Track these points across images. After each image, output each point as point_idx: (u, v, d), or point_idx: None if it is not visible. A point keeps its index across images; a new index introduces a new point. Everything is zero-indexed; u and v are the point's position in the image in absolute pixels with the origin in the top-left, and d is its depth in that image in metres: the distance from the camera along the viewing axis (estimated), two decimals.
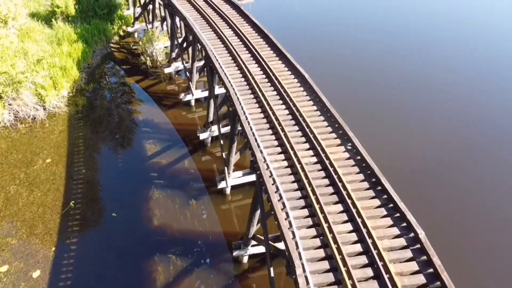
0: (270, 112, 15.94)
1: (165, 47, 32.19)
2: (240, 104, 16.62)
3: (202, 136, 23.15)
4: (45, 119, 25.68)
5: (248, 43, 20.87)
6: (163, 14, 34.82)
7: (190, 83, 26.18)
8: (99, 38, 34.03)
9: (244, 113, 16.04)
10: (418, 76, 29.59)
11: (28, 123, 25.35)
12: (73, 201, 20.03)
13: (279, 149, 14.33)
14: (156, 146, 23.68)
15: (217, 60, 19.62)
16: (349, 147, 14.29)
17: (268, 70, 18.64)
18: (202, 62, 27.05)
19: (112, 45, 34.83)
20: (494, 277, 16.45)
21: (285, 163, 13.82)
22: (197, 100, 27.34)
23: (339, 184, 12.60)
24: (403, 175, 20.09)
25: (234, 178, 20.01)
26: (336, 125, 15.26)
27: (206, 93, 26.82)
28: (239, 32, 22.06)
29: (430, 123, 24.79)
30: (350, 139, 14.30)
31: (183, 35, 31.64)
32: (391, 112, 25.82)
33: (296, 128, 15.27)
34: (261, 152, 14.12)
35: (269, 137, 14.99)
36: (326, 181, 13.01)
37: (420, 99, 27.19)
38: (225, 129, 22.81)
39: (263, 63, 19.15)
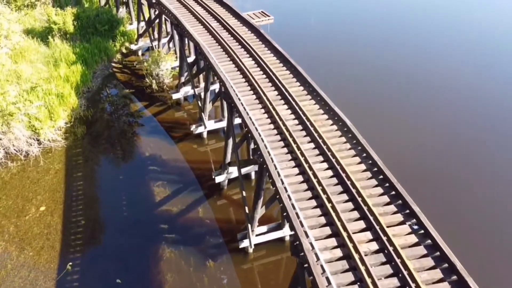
0: (310, 173, 13.05)
1: (172, 68, 29.32)
2: (273, 161, 13.70)
3: (218, 179, 20.29)
4: (39, 155, 22.79)
5: (273, 77, 18.01)
6: (169, 29, 32.16)
7: (202, 114, 23.31)
8: (100, 58, 31.17)
9: (280, 176, 13.10)
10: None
11: (20, 161, 22.48)
12: (70, 263, 17.15)
13: (328, 230, 11.41)
14: (165, 189, 20.79)
15: (239, 100, 16.74)
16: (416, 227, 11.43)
17: (299, 112, 15.77)
18: (215, 86, 24.27)
19: (114, 64, 31.96)
20: None
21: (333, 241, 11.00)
22: (209, 131, 24.48)
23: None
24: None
25: (259, 234, 17.19)
26: (400, 202, 12.35)
27: (220, 125, 24.06)
28: (261, 61, 19.21)
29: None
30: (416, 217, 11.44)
31: (192, 54, 28.92)
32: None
33: (345, 197, 12.37)
34: (307, 235, 11.15)
35: (312, 211, 12.08)
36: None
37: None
38: (246, 170, 20.15)
39: (293, 103, 16.28)
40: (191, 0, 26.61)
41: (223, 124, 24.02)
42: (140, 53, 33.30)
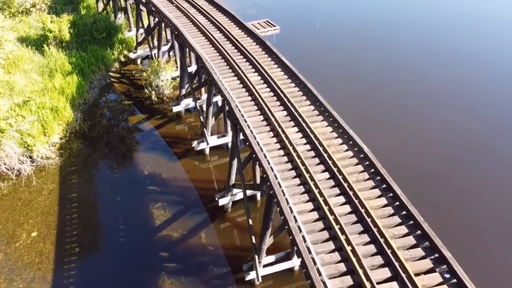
0: (326, 209, 11.77)
1: (172, 79, 28.06)
2: (284, 195, 12.43)
3: (222, 201, 19.03)
4: (32, 174, 21.51)
5: (281, 95, 16.73)
6: (169, 36, 30.91)
7: (204, 129, 22.05)
8: (97, 67, 29.89)
9: (292, 213, 11.83)
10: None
11: (12, 180, 21.21)
12: None
13: (349, 280, 10.13)
14: (165, 212, 19.52)
15: (245, 121, 15.46)
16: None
17: (311, 135, 14.52)
18: (218, 98, 23.04)
19: (111, 74, 30.67)
20: None
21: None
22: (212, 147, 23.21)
23: None
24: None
25: (266, 265, 15.93)
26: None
27: (223, 140, 22.83)
28: (267, 77, 17.94)
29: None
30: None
31: (193, 63, 27.68)
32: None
33: (366, 238, 11.09)
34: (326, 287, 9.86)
35: (330, 256, 10.79)
36: None
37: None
38: (252, 191, 18.96)
39: (303, 124, 15.01)
40: (192, 8, 25.34)
41: (227, 139, 22.79)
42: (139, 61, 32.01)
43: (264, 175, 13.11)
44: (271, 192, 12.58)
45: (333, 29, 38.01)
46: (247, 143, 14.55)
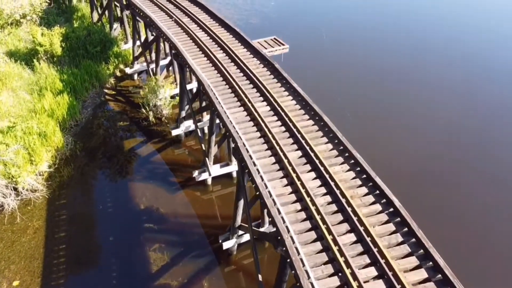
0: (345, 268, 9.77)
1: (171, 97, 26.06)
2: (304, 265, 10.40)
3: (226, 244, 17.03)
4: (16, 209, 19.50)
5: (294, 130, 14.70)
6: (168, 50, 28.93)
7: (206, 159, 20.05)
8: (91, 84, 27.87)
9: (304, 266, 9.83)
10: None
11: None
12: None
13: None
14: (163, 255, 17.52)
15: (254, 165, 13.44)
16: None
17: (331, 183, 12.52)
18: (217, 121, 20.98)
19: (106, 90, 28.64)
20: None
21: None
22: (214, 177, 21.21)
23: None
24: None
25: None
26: None
27: (227, 170, 20.84)
28: (277, 108, 15.92)
29: None
30: None
31: (194, 81, 25.65)
32: None
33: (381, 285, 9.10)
34: None
35: None
36: None
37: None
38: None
39: (321, 169, 12.99)
40: (193, 23, 23.31)
41: (231, 168, 20.80)
42: (136, 76, 30.01)
43: (279, 237, 11.09)
44: (288, 260, 10.56)
45: (342, 37, 35.97)
46: (258, 193, 12.52)
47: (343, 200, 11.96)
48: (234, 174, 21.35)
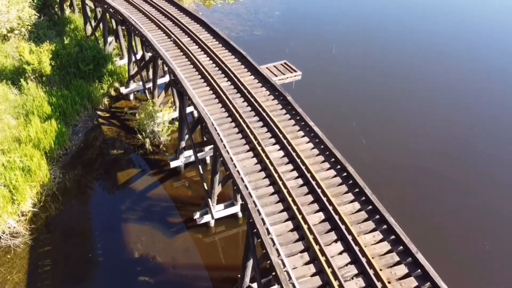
0: None
1: (170, 123, 23.84)
2: None
3: None
4: None
5: (313, 183, 12.47)
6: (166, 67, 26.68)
7: (208, 200, 17.83)
8: (82, 106, 25.63)
9: None
10: None
11: None
12: None
13: None
14: None
15: (267, 231, 11.20)
16: None
17: (360, 256, 10.30)
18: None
19: (99, 112, 26.37)
20: None
21: None
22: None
23: None
24: None
25: None
26: None
27: (231, 211, 18.66)
28: (293, 153, 13.67)
29: None
30: None
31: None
32: None
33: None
34: None
35: None
36: None
37: None
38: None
39: (349, 238, 10.76)
40: (194, 44, 21.07)
41: (237, 209, 18.62)
42: (131, 97, 27.77)
43: None
44: None
45: (353, 49, 33.71)
46: (274, 273, 10.26)
47: (379, 286, 9.73)
48: (240, 214, 19.16)
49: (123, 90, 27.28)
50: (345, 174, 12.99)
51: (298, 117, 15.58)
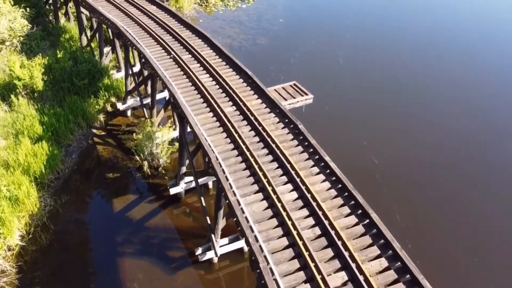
0: None
1: (169, 144, 22.30)
2: None
3: None
4: None
5: (332, 233, 10.96)
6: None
7: (212, 236, 16.30)
8: (76, 124, 24.09)
9: None
10: None
11: None
12: None
13: None
14: None
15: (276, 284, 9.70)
16: None
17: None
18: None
19: (95, 131, 24.83)
20: None
21: None
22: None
23: None
24: None
25: None
26: None
27: (236, 245, 17.17)
28: (307, 194, 12.17)
29: None
30: None
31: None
32: None
33: None
34: None
35: None
36: None
37: None
38: None
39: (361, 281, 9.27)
40: (195, 62, 19.54)
41: (242, 243, 17.11)
42: (129, 113, 26.23)
43: None
44: None
45: (360, 61, 32.16)
46: None
47: None
48: (246, 248, 17.65)
49: (120, 106, 25.74)
50: (368, 221, 11.47)
51: (311, 149, 14.05)
